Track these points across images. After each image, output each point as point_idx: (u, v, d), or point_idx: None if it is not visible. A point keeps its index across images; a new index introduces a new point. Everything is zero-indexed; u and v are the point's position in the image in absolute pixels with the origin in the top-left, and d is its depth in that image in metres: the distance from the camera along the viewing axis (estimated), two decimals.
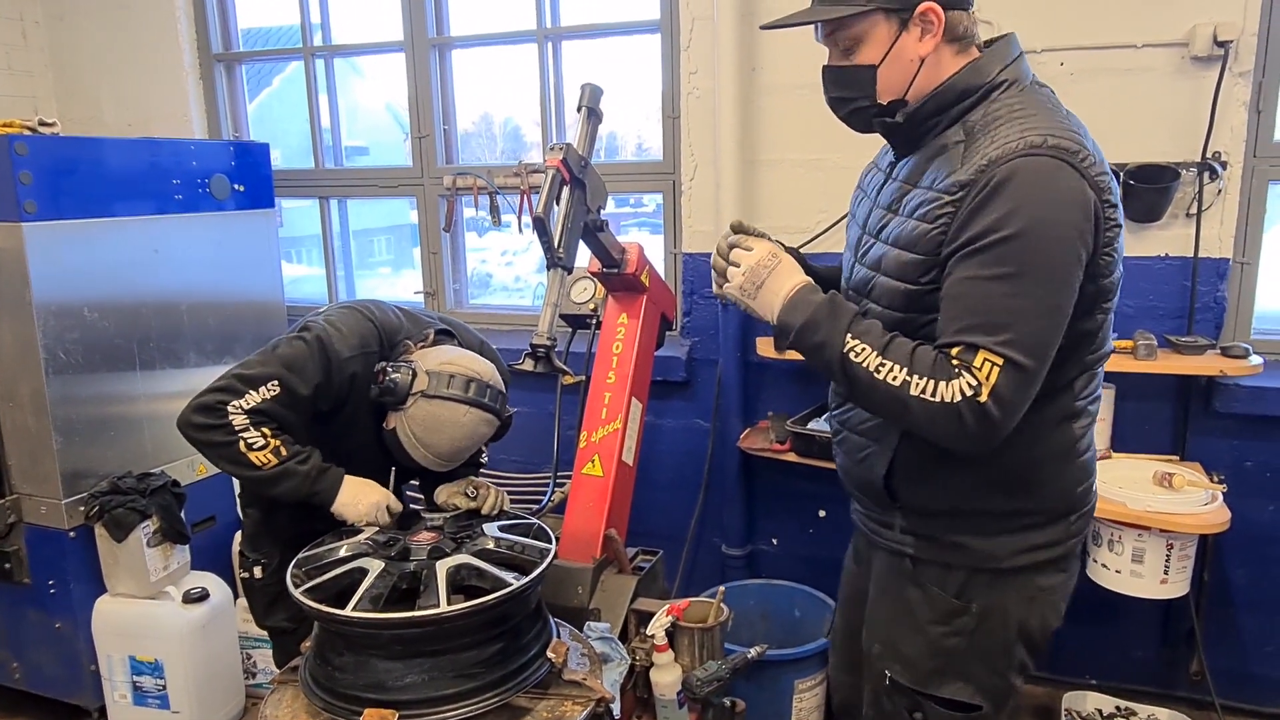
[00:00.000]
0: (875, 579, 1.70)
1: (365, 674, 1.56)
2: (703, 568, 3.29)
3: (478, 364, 1.86)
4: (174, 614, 2.75)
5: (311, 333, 1.86)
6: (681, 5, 2.97)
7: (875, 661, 1.65)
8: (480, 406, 1.80)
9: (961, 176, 1.33)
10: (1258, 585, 2.71)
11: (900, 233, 1.42)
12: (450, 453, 1.83)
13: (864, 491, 1.65)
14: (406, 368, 1.78)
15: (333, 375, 1.85)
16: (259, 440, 1.81)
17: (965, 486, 1.48)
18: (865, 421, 1.58)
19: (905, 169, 1.50)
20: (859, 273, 1.54)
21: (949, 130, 1.44)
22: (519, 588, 1.58)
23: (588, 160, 2.23)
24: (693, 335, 3.19)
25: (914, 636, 1.58)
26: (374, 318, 1.94)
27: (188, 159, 3.06)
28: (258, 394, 1.80)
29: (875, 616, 1.69)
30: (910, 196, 1.44)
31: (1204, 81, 2.49)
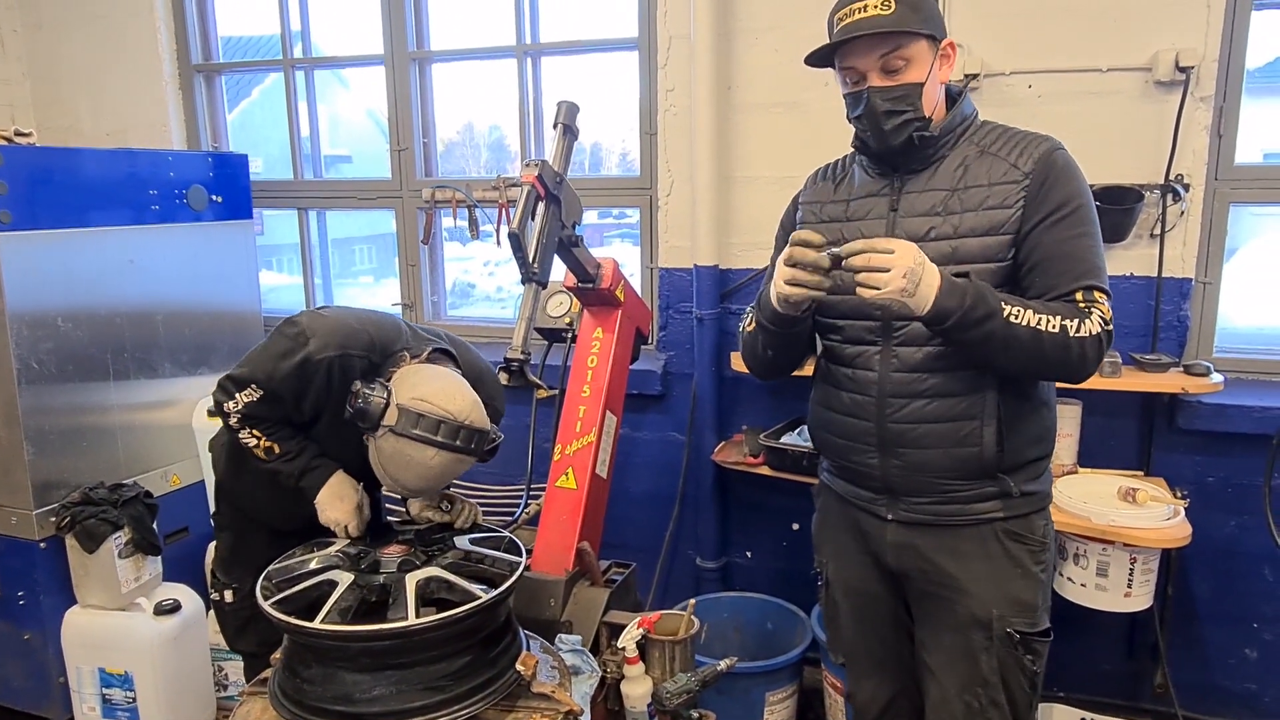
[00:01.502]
0: (962, 556, 1.76)
1: (333, 686, 1.57)
2: (677, 580, 3.31)
3: (456, 401, 1.74)
4: (145, 626, 2.73)
5: (292, 328, 1.86)
6: (659, 24, 3.01)
7: (996, 625, 1.73)
8: (449, 449, 1.70)
9: (1025, 168, 1.63)
10: (1220, 599, 2.75)
11: (975, 225, 1.65)
12: (418, 488, 1.79)
13: (961, 471, 1.71)
14: (381, 391, 1.70)
15: (310, 375, 1.83)
16: (251, 440, 1.90)
17: (1031, 437, 1.75)
18: (957, 404, 1.69)
19: (926, 181, 1.71)
20: None
21: (959, 146, 1.71)
22: (487, 601, 1.60)
23: (563, 176, 2.26)
24: (668, 349, 3.21)
25: (1028, 583, 1.75)
26: (365, 322, 1.90)
27: (165, 170, 3.07)
28: (242, 397, 1.85)
29: (985, 584, 1.74)
30: (962, 199, 1.67)
31: (1167, 106, 2.54)
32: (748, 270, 3.06)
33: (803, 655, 2.71)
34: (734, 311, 3.03)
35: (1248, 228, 2.88)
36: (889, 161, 1.75)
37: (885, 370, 1.73)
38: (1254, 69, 2.64)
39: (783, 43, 2.90)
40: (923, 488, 1.75)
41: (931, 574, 1.79)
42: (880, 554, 1.86)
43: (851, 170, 1.86)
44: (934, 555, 1.78)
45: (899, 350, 1.72)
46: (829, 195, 1.86)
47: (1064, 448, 2.70)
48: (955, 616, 1.77)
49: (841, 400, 1.81)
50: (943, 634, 1.80)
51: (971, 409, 1.68)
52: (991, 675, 1.75)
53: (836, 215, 1.82)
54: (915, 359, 1.71)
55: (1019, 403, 1.70)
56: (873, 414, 1.75)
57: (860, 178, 1.82)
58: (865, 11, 1.61)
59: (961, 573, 1.75)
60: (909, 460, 1.74)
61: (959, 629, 1.77)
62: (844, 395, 1.81)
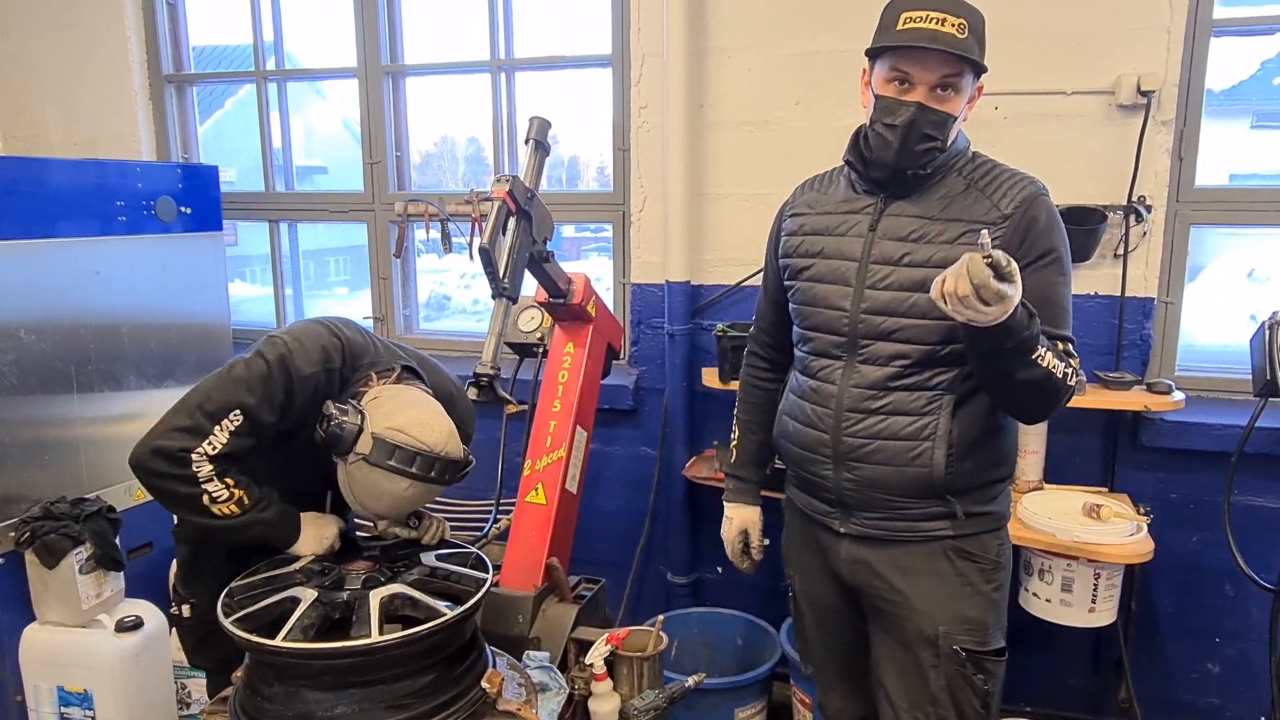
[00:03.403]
0: (911, 573, 1.77)
1: (295, 704, 1.55)
2: (648, 596, 3.31)
3: (433, 432, 1.70)
4: (106, 643, 2.68)
5: (274, 350, 1.74)
6: (632, 41, 3.03)
7: (943, 642, 1.74)
8: (423, 480, 1.67)
9: (1005, 209, 1.66)
10: (1183, 614, 2.79)
11: (948, 257, 1.62)
12: (388, 514, 1.77)
13: (911, 490, 1.73)
14: (354, 415, 1.66)
15: (295, 394, 1.74)
16: (223, 493, 1.70)
17: (986, 461, 1.76)
18: (910, 424, 1.71)
19: (911, 208, 1.72)
20: (879, 296, 1.72)
21: (948, 177, 1.73)
22: (452, 618, 1.59)
23: (534, 192, 2.27)
24: (640, 364, 3.22)
25: (977, 601, 1.77)
26: (339, 334, 1.83)
27: (132, 180, 3.03)
28: (221, 431, 1.67)
29: (932, 601, 1.76)
30: (938, 229, 1.68)
31: (1129, 128, 2.60)
32: (720, 286, 3.08)
33: (772, 671, 2.72)
34: (705, 327, 3.04)
35: (1212, 247, 2.94)
36: (879, 180, 1.75)
37: (846, 384, 1.76)
38: (1221, 91, 2.70)
39: (755, 62, 2.93)
40: (874, 503, 1.78)
41: (882, 589, 1.81)
42: (835, 568, 1.89)
43: (838, 182, 1.87)
44: (884, 571, 1.80)
45: (861, 367, 1.74)
46: (814, 206, 1.86)
47: (1030, 464, 2.73)
48: (904, 633, 1.79)
49: (804, 411, 1.84)
50: (893, 650, 1.83)
51: (924, 430, 1.70)
52: (940, 694, 1.76)
53: (817, 227, 1.83)
54: (875, 376, 1.73)
55: (973, 427, 1.72)
56: (830, 426, 1.77)
57: (845, 192, 1.83)
58: (942, 26, 1.58)
59: (910, 589, 1.78)
60: (861, 475, 1.76)
61: (908, 645, 1.79)
62: (806, 406, 1.83)
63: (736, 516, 2.14)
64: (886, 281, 1.71)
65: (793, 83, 2.90)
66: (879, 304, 1.71)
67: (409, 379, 1.87)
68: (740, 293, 3.06)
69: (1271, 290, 2.97)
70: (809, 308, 1.82)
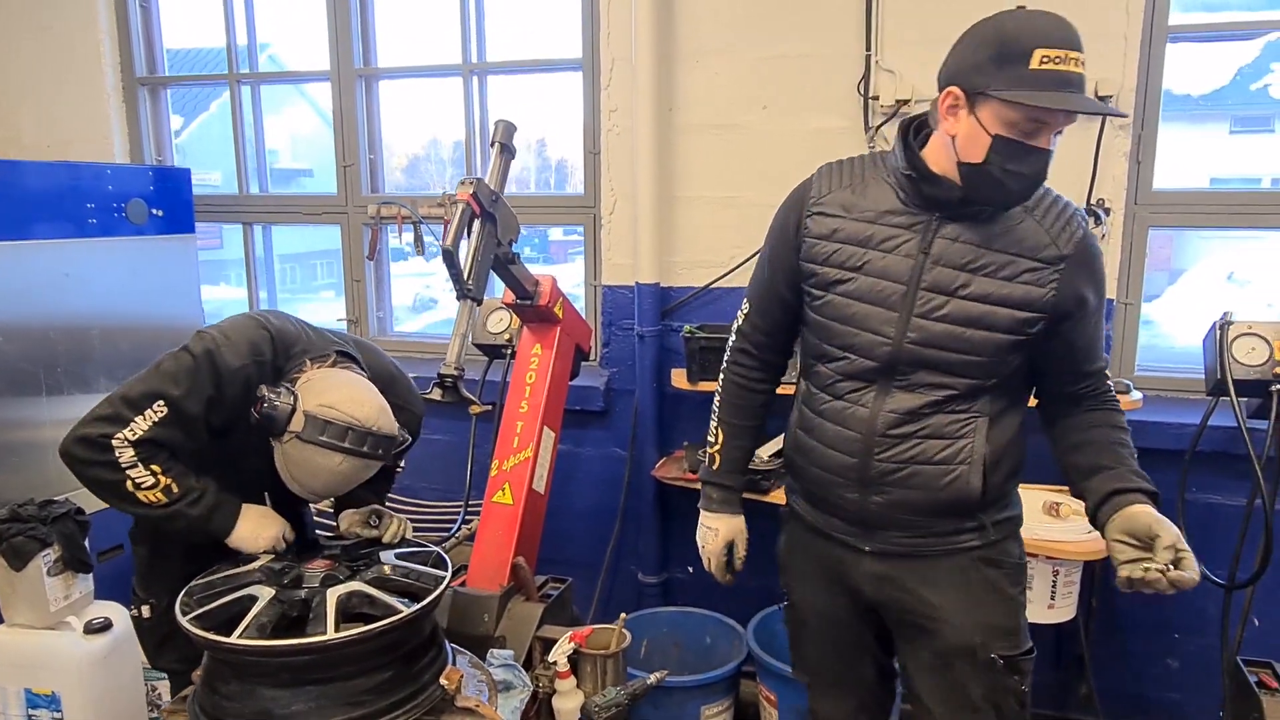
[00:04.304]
0: (941, 586, 1.73)
1: (252, 702, 1.57)
2: (619, 595, 3.33)
3: (362, 407, 1.72)
4: (74, 645, 2.67)
5: (200, 344, 1.78)
6: (602, 46, 3.06)
7: (980, 652, 1.71)
8: (356, 455, 1.70)
9: (1064, 248, 1.59)
10: (1143, 610, 2.83)
11: (1005, 293, 1.59)
12: (325, 492, 1.80)
13: (943, 511, 1.69)
14: (288, 396, 1.69)
15: (224, 388, 1.76)
16: (147, 479, 1.72)
17: (1011, 470, 1.75)
18: (945, 448, 1.65)
19: (965, 231, 1.60)
20: (931, 328, 1.61)
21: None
22: (407, 615, 1.60)
23: (499, 194, 2.29)
24: (611, 366, 3.24)
25: (1007, 608, 1.75)
26: (268, 325, 1.84)
27: (103, 183, 3.04)
28: (143, 419, 1.70)
29: (964, 613, 1.72)
30: (996, 260, 1.59)
31: (1088, 133, 2.64)
32: (689, 288, 3.11)
33: (738, 669, 2.74)
34: (675, 329, 3.06)
35: (1194, 251, 2.99)
36: (938, 199, 1.60)
37: (879, 409, 1.66)
38: (1200, 96, 2.75)
39: (722, 66, 2.96)
40: (900, 523, 1.72)
41: (910, 604, 1.76)
42: (855, 584, 1.81)
43: (871, 183, 1.68)
44: (913, 586, 1.74)
45: (898, 393, 1.65)
46: (850, 209, 1.67)
47: None
48: (937, 646, 1.74)
49: (825, 432, 1.73)
50: (928, 663, 1.78)
51: (959, 454, 1.65)
52: (981, 702, 1.73)
53: (856, 236, 1.66)
54: (912, 404, 1.65)
55: (1003, 443, 1.69)
56: (858, 451, 1.68)
57: (886, 198, 1.65)
58: (1077, 66, 1.46)
59: (941, 602, 1.73)
60: (889, 499, 1.69)
61: (943, 658, 1.75)
62: (829, 427, 1.72)
63: (722, 528, 1.95)
64: (940, 313, 1.60)
65: (760, 87, 2.93)
66: (929, 335, 1.61)
67: (345, 363, 1.88)
68: (709, 294, 3.09)
69: (1251, 292, 3.02)
70: (843, 326, 1.68)
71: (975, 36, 1.52)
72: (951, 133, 1.54)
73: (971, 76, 1.49)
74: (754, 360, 1.90)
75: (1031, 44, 1.44)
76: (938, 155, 1.60)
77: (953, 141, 1.55)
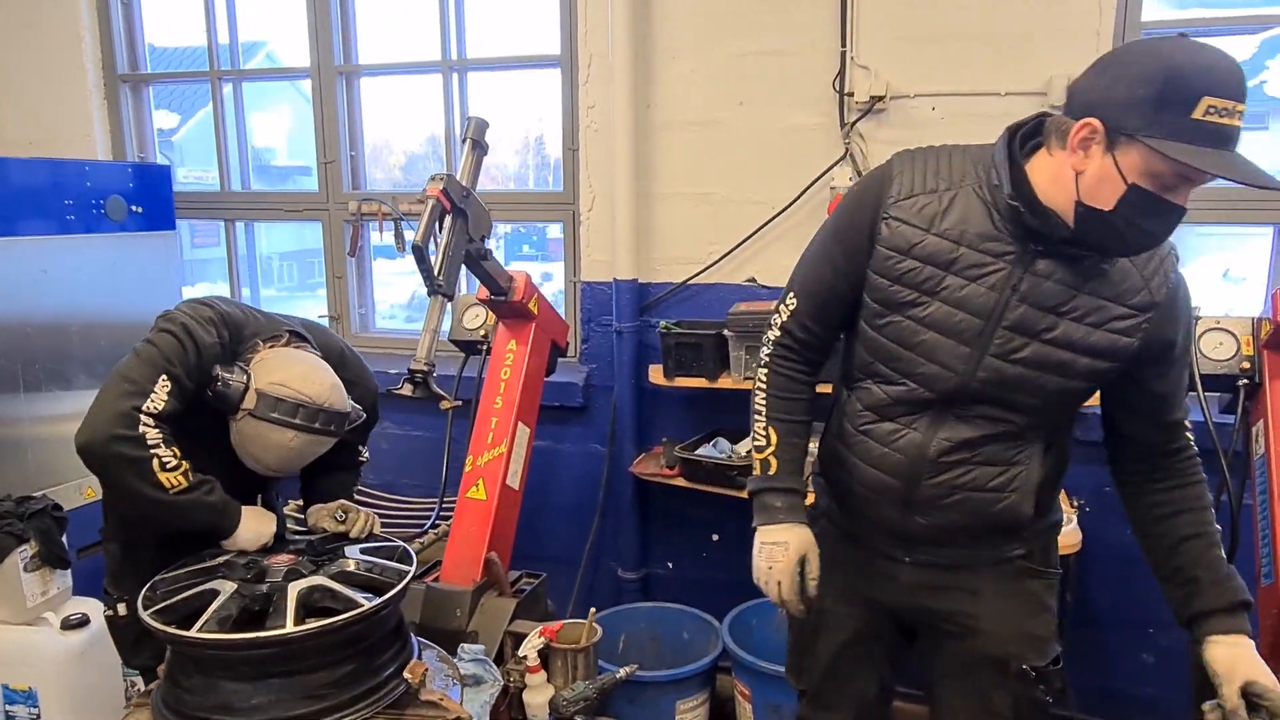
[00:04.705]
0: (982, 596, 1.68)
1: (213, 695, 1.58)
2: (599, 591, 3.33)
3: (312, 384, 1.78)
4: (51, 641, 2.68)
5: (174, 323, 1.78)
6: (580, 42, 3.06)
7: (1012, 663, 1.66)
8: (307, 431, 1.76)
9: (1157, 294, 1.47)
10: (1118, 605, 2.84)
11: (1090, 342, 1.47)
12: (280, 467, 1.84)
13: (995, 531, 1.64)
14: (241, 374, 1.75)
15: (203, 364, 1.77)
16: (171, 459, 1.70)
17: (1058, 487, 1.72)
18: (998, 475, 1.57)
19: (1060, 270, 1.45)
20: (1006, 370, 1.50)
21: None
22: (367, 610, 1.61)
23: (470, 190, 2.30)
24: (590, 362, 3.25)
25: (1043, 617, 1.71)
26: (217, 308, 1.86)
27: (81, 179, 3.04)
28: (158, 393, 1.69)
29: (1002, 623, 1.67)
30: (1086, 304, 1.46)
31: None
32: (667, 284, 3.12)
33: (714, 664, 2.75)
34: (653, 325, 3.06)
35: (1192, 247, 2.98)
36: (1039, 233, 1.44)
37: (933, 435, 1.56)
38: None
39: (699, 63, 2.96)
40: (944, 540, 1.66)
41: (947, 612, 1.71)
42: (884, 593, 1.75)
43: (959, 194, 1.48)
44: (953, 594, 1.70)
45: (956, 423, 1.55)
46: (933, 224, 1.48)
47: None
48: (968, 654, 1.70)
49: (870, 451, 1.63)
50: (953, 670, 1.74)
51: (1012, 481, 1.57)
52: (1005, 710, 1.69)
53: (936, 255, 1.48)
54: (969, 434, 1.55)
55: (1055, 466, 1.65)
56: (904, 474, 1.59)
57: (976, 215, 1.47)
58: (1241, 120, 1.29)
59: (980, 611, 1.68)
60: (934, 521, 1.62)
61: (972, 666, 1.70)
62: (875, 447, 1.62)
63: (793, 541, 1.65)
64: (1019, 356, 1.48)
65: (736, 83, 2.93)
66: (1002, 377, 1.50)
67: (297, 342, 1.92)
68: (687, 290, 3.10)
69: (1246, 289, 3.02)
70: (905, 351, 1.54)
71: (1134, 66, 1.30)
72: (1078, 168, 1.35)
73: (1121, 113, 1.29)
74: (799, 356, 1.69)
75: (1201, 89, 1.25)
76: (1050, 184, 1.41)
77: (1076, 177, 1.36)
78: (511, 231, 7.17)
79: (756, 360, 1.75)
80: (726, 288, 3.04)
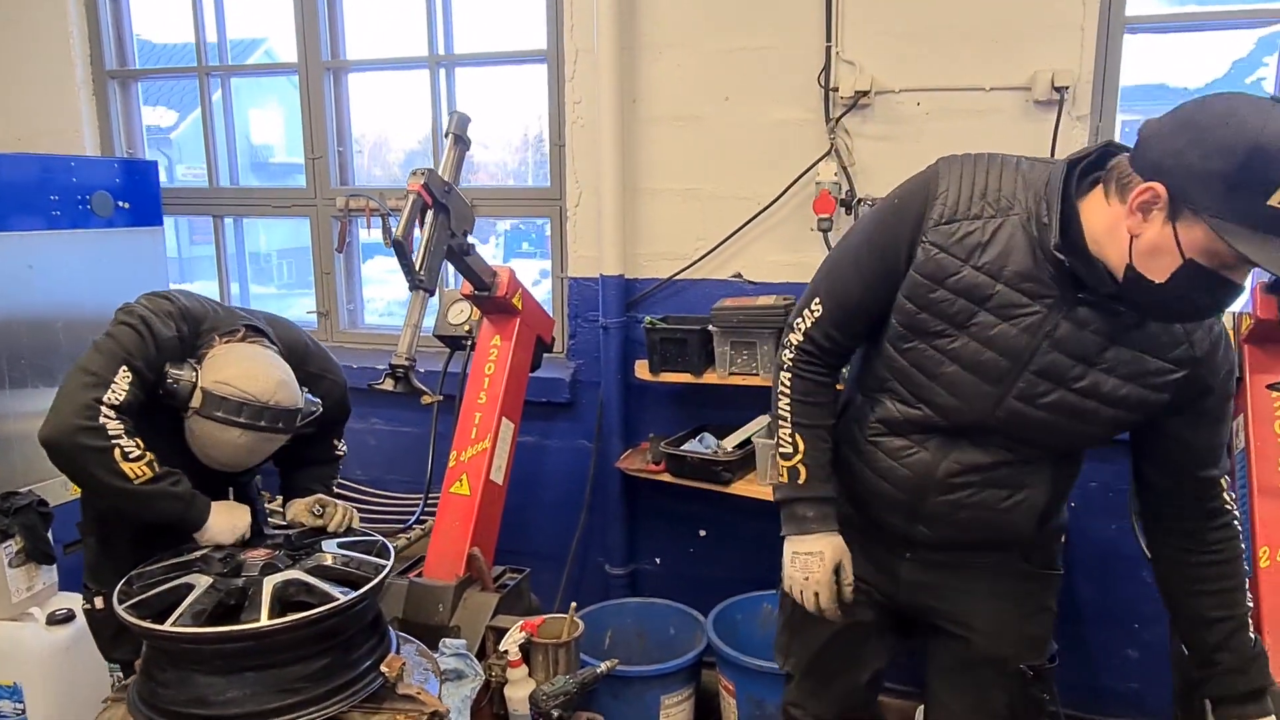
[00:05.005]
0: (980, 595, 1.67)
1: (187, 689, 1.58)
2: (588, 587, 3.33)
3: (256, 381, 1.76)
4: (36, 636, 2.68)
5: (134, 316, 1.79)
6: (566, 38, 3.05)
7: (1010, 662, 1.66)
8: (253, 429, 1.74)
9: (1199, 350, 1.41)
10: (1102, 601, 2.84)
11: (1120, 394, 1.42)
12: (233, 464, 1.83)
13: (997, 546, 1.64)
14: (189, 372, 1.75)
15: (162, 355, 1.78)
16: (134, 450, 1.71)
17: (1064, 504, 1.71)
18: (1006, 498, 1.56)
19: (1098, 320, 1.39)
20: (1029, 414, 1.46)
21: None
22: (343, 603, 1.61)
23: (452, 185, 2.30)
24: (577, 358, 3.25)
25: (1042, 617, 1.71)
26: (176, 301, 1.87)
27: (67, 175, 3.04)
28: (118, 384, 1.70)
29: (1001, 624, 1.66)
30: (1122, 355, 1.40)
31: (1045, 124, 2.64)
32: (653, 280, 3.11)
33: (699, 659, 2.75)
34: (639, 320, 3.06)
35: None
36: (1083, 283, 1.37)
37: (942, 458, 1.55)
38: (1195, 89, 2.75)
39: (685, 58, 2.96)
40: (948, 545, 1.65)
41: (945, 611, 1.71)
42: (887, 585, 1.74)
43: (1005, 227, 1.40)
44: (951, 594, 1.69)
45: (969, 449, 1.53)
46: (972, 255, 1.41)
47: None
48: (967, 653, 1.70)
49: (878, 462, 1.61)
50: (952, 667, 1.74)
51: (1020, 504, 1.56)
52: (1001, 708, 1.70)
53: (972, 289, 1.41)
54: (979, 460, 1.53)
55: (1063, 487, 1.63)
56: (910, 490, 1.58)
57: (1019, 252, 1.39)
58: None
59: (978, 610, 1.68)
60: (938, 533, 1.61)
61: (970, 664, 1.70)
62: (883, 460, 1.60)
63: (828, 549, 1.62)
64: (1044, 401, 1.44)
65: (722, 78, 2.93)
66: (1023, 420, 1.46)
67: (254, 337, 1.90)
68: (674, 286, 3.09)
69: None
70: (926, 380, 1.50)
71: (1216, 132, 1.18)
72: (1134, 231, 1.27)
73: (1189, 185, 1.19)
74: (821, 361, 1.64)
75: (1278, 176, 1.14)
76: (1104, 234, 1.32)
77: (1131, 239, 1.28)
78: (511, 229, 7.17)
79: (775, 361, 1.71)
80: (713, 283, 3.04)
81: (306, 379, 1.95)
